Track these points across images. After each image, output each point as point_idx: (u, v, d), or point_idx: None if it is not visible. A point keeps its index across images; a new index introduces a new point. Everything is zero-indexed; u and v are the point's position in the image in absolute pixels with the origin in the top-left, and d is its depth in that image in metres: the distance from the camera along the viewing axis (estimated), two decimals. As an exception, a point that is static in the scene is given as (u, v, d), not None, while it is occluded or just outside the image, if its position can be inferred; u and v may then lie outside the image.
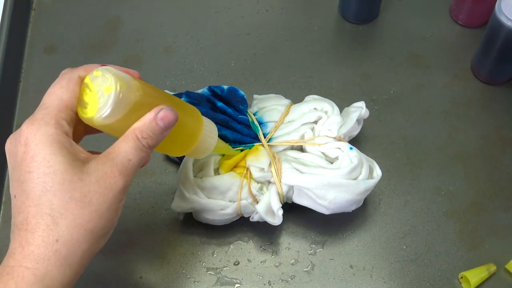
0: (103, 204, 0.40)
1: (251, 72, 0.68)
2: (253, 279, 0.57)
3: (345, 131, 0.57)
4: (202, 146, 0.49)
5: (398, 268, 0.57)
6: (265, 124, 0.58)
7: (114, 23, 0.72)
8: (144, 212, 0.60)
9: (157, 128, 0.42)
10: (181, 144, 0.48)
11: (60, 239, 0.38)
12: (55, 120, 0.40)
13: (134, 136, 0.41)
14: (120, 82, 0.40)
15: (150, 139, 0.42)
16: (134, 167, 0.42)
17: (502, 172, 0.62)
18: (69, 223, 0.39)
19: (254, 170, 0.54)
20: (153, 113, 0.42)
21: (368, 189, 0.54)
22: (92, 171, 0.40)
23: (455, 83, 0.67)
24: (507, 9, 0.58)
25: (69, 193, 0.39)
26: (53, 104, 0.41)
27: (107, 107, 0.40)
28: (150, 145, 0.42)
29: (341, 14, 0.72)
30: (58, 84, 0.42)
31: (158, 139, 0.42)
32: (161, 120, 0.42)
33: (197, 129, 0.48)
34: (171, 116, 0.42)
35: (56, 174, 0.39)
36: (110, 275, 0.57)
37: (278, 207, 0.54)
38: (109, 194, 0.40)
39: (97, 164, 0.40)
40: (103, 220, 0.40)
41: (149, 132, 0.42)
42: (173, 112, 0.43)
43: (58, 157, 0.39)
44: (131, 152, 0.41)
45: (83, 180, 0.39)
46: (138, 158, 0.42)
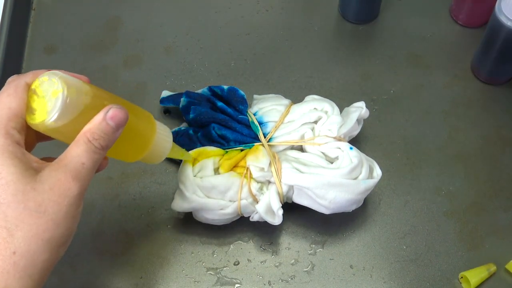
0: (58, 213, 0.39)
1: (251, 72, 0.68)
2: (253, 279, 0.57)
3: (345, 131, 0.57)
4: (157, 150, 0.48)
5: (398, 268, 0.57)
6: (265, 124, 0.58)
7: (114, 23, 0.72)
8: (144, 212, 0.60)
9: (108, 127, 0.41)
10: (134, 149, 0.47)
11: (17, 251, 0.38)
12: (4, 130, 0.39)
13: (85, 139, 0.40)
14: (67, 85, 0.40)
15: (102, 140, 0.41)
16: (88, 170, 0.41)
17: (502, 172, 0.62)
18: (25, 234, 0.38)
19: (254, 169, 0.54)
20: (102, 113, 0.41)
21: (368, 189, 0.55)
22: (45, 179, 0.39)
23: (455, 83, 0.67)
24: (507, 9, 0.58)
25: (22, 203, 0.38)
26: (1, 113, 0.40)
27: (55, 111, 0.39)
28: (103, 145, 0.41)
29: (341, 14, 0.72)
30: (5, 93, 0.41)
31: (110, 139, 0.41)
32: (111, 119, 0.41)
33: (150, 132, 0.47)
34: (121, 115, 0.41)
35: (8, 185, 0.38)
36: (110, 275, 0.57)
37: (278, 206, 0.54)
38: (64, 202, 0.39)
39: (50, 171, 0.40)
40: (61, 228, 0.39)
41: (100, 133, 0.41)
42: (123, 110, 0.42)
43: (9, 167, 0.38)
44: (83, 156, 0.40)
45: (36, 189, 0.39)
46: (91, 161, 0.41)
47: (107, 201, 0.60)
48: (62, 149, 0.41)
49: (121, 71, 0.68)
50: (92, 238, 0.58)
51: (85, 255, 0.58)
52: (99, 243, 0.58)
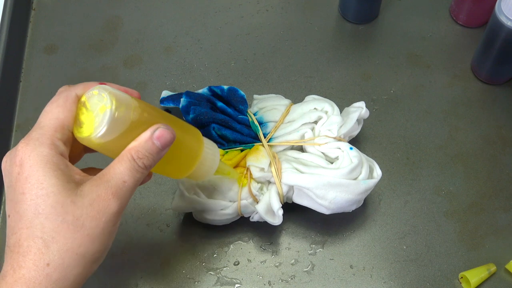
0: (95, 228, 0.39)
1: (251, 72, 0.68)
2: (253, 279, 0.57)
3: (345, 131, 0.57)
4: (203, 168, 0.48)
5: (398, 268, 0.57)
6: (265, 124, 0.58)
7: (114, 23, 0.72)
8: (144, 212, 0.60)
9: (153, 147, 0.41)
10: (180, 166, 0.47)
11: (51, 263, 0.38)
12: (50, 141, 0.40)
13: (129, 156, 0.40)
14: (116, 101, 0.39)
15: (146, 159, 0.41)
16: (129, 189, 0.41)
17: (502, 172, 0.62)
18: (60, 247, 0.38)
19: (254, 170, 0.54)
20: (149, 132, 0.41)
21: (368, 189, 0.54)
22: (86, 194, 0.39)
23: (455, 83, 0.67)
24: (507, 9, 0.58)
25: (61, 216, 0.38)
26: (49, 123, 0.40)
27: (102, 126, 0.39)
28: (146, 165, 0.41)
29: (341, 14, 0.72)
30: (55, 103, 0.41)
31: (155, 159, 0.41)
32: (157, 139, 0.41)
33: (197, 150, 0.47)
34: (168, 135, 0.41)
35: (48, 197, 0.38)
36: (110, 275, 0.57)
37: (278, 207, 0.54)
38: (102, 218, 0.39)
39: (91, 186, 0.40)
40: (96, 244, 0.40)
41: (145, 152, 0.41)
42: (170, 130, 0.41)
43: (51, 179, 0.38)
44: (126, 174, 0.40)
45: (76, 203, 0.39)
46: (133, 179, 0.41)
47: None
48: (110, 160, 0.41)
49: (121, 71, 0.68)
50: (92, 238, 0.58)
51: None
52: (99, 243, 0.58)
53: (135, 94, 0.44)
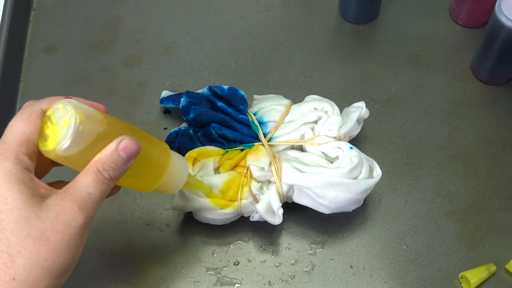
0: (61, 242, 0.39)
1: (251, 72, 0.68)
2: (253, 279, 0.57)
3: (345, 131, 0.57)
4: (171, 182, 0.48)
5: (398, 268, 0.57)
6: (265, 123, 0.58)
7: (114, 23, 0.72)
8: (144, 212, 0.60)
9: (119, 159, 0.41)
10: (147, 179, 0.47)
11: (17, 277, 0.38)
12: (14, 155, 0.39)
13: (95, 169, 0.40)
14: (80, 114, 0.40)
15: (112, 171, 0.41)
16: (95, 201, 0.41)
17: (502, 172, 0.62)
18: (26, 261, 0.38)
19: (254, 169, 0.54)
20: (114, 144, 0.41)
21: (368, 188, 0.55)
22: (51, 207, 0.39)
23: (455, 83, 0.67)
24: (507, 9, 0.58)
25: (25, 230, 0.38)
26: (13, 138, 0.40)
27: (66, 139, 0.39)
28: (112, 177, 0.41)
29: (341, 14, 0.72)
30: (20, 117, 0.41)
31: (121, 170, 0.41)
32: (123, 151, 0.41)
33: (164, 163, 0.47)
34: (133, 146, 0.41)
35: (13, 211, 0.38)
36: (110, 275, 0.57)
37: (278, 206, 0.54)
38: (67, 231, 0.39)
39: (56, 200, 0.39)
40: (62, 257, 0.39)
41: (111, 164, 0.40)
42: (135, 142, 0.41)
43: (15, 193, 0.38)
44: (91, 186, 0.40)
45: (40, 217, 0.38)
46: (99, 191, 0.41)
47: (107, 201, 0.60)
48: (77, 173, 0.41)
49: (121, 71, 0.68)
50: (92, 238, 0.58)
51: (85, 255, 0.57)
52: (99, 243, 0.58)
53: (101, 108, 0.44)
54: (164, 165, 0.47)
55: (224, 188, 0.54)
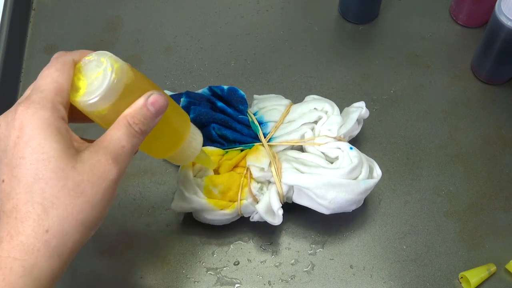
0: (96, 195, 0.39)
1: (251, 72, 0.68)
2: (253, 279, 0.57)
3: (345, 131, 0.57)
4: (186, 150, 0.48)
5: (398, 268, 0.57)
6: (265, 124, 0.58)
7: (114, 23, 0.72)
8: (144, 212, 0.60)
9: (148, 113, 0.41)
10: (166, 143, 0.47)
11: (51, 229, 0.37)
12: (52, 104, 0.39)
13: (125, 122, 0.40)
14: (115, 65, 0.40)
15: (142, 124, 0.41)
16: (127, 154, 0.40)
17: (502, 172, 0.62)
18: (60, 213, 0.37)
19: (254, 170, 0.54)
20: (143, 98, 0.41)
21: (368, 189, 0.55)
22: (86, 160, 0.39)
23: (455, 83, 0.67)
24: (507, 9, 0.58)
25: (61, 181, 0.37)
26: (49, 87, 0.40)
27: (100, 90, 0.39)
28: (142, 130, 0.41)
29: (341, 14, 0.72)
30: (53, 67, 0.40)
31: (150, 124, 0.41)
32: (152, 105, 0.41)
33: (184, 131, 0.47)
34: (162, 101, 0.41)
35: (50, 161, 0.37)
36: (110, 275, 0.57)
37: (278, 207, 0.54)
38: (102, 184, 0.39)
39: (90, 152, 0.39)
40: (95, 211, 0.39)
41: (141, 118, 0.40)
42: (163, 97, 0.42)
43: (52, 143, 0.38)
44: (123, 139, 0.40)
45: (76, 168, 0.38)
46: (131, 144, 0.40)
47: (107, 201, 0.60)
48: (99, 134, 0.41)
49: (121, 71, 0.68)
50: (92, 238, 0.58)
51: (85, 255, 0.58)
52: (99, 243, 0.58)
53: None
54: (183, 132, 0.47)
55: (224, 189, 0.54)
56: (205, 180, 0.54)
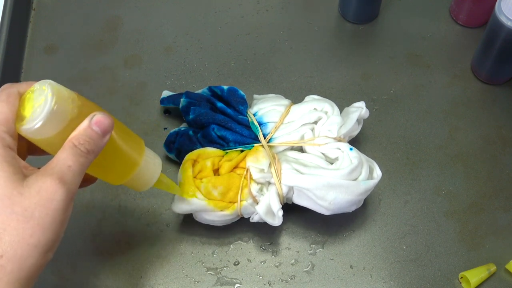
0: (45, 217, 0.39)
1: (251, 72, 0.68)
2: (253, 279, 0.57)
3: (345, 132, 0.57)
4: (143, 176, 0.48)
5: (398, 268, 0.57)
6: (265, 124, 0.58)
7: (114, 23, 0.72)
8: (144, 212, 0.60)
9: (93, 133, 0.41)
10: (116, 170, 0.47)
11: (5, 254, 0.38)
12: None
13: (70, 144, 0.41)
14: (56, 93, 0.40)
15: (88, 144, 0.41)
16: (75, 173, 0.41)
17: (502, 172, 0.62)
18: (12, 238, 0.38)
19: (254, 171, 0.54)
20: (87, 120, 0.41)
21: (368, 189, 0.54)
22: (32, 184, 0.39)
23: (455, 83, 0.67)
24: (507, 9, 0.58)
25: (9, 208, 0.38)
26: None
27: (41, 117, 0.39)
28: (89, 149, 0.41)
29: (341, 14, 0.72)
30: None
31: (96, 144, 0.42)
32: (96, 125, 0.41)
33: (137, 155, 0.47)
34: (106, 121, 0.42)
35: None
36: (110, 275, 0.57)
37: (278, 208, 0.54)
38: (51, 206, 0.39)
39: (36, 176, 0.40)
40: (48, 233, 0.39)
41: (86, 138, 0.41)
42: (107, 117, 0.42)
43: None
44: (69, 159, 0.40)
45: (23, 194, 0.39)
46: (78, 163, 0.41)
47: (107, 201, 0.60)
48: None
49: (121, 71, 0.68)
50: (92, 238, 0.58)
51: (85, 255, 0.58)
52: (99, 243, 0.58)
53: None
54: (136, 156, 0.47)
55: (224, 190, 0.54)
56: (205, 182, 0.54)
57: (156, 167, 0.49)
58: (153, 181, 0.49)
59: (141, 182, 0.48)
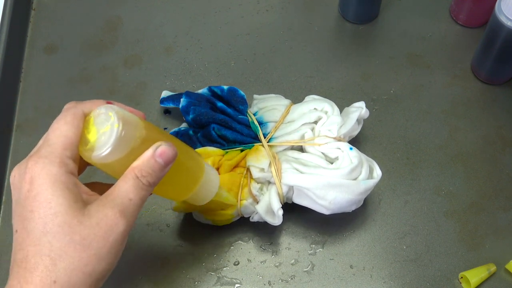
0: (103, 248, 0.40)
1: (251, 72, 0.68)
2: (253, 279, 0.57)
3: (345, 131, 0.57)
4: (202, 192, 0.49)
5: (398, 268, 0.57)
6: (265, 124, 0.58)
7: (114, 23, 0.72)
8: (144, 212, 0.60)
9: (156, 165, 0.41)
10: (180, 188, 0.47)
11: (58, 280, 0.38)
12: (59, 159, 0.40)
13: (133, 175, 0.41)
14: (122, 121, 0.40)
15: (150, 177, 0.41)
16: (135, 206, 0.41)
17: (502, 172, 0.62)
18: (67, 265, 0.38)
19: (254, 170, 0.54)
20: (151, 150, 0.41)
21: (368, 189, 0.55)
22: (93, 214, 0.39)
23: (455, 83, 0.67)
24: (507, 9, 0.58)
25: (68, 235, 0.38)
26: (58, 141, 0.40)
27: (107, 146, 0.39)
28: (151, 182, 0.41)
29: (341, 14, 0.72)
30: (63, 120, 0.41)
31: (158, 176, 0.42)
32: (160, 157, 0.41)
33: (198, 173, 0.47)
34: (170, 152, 0.42)
35: (56, 216, 0.38)
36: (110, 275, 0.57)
37: (278, 207, 0.54)
38: (109, 238, 0.40)
39: (97, 206, 0.40)
40: (103, 263, 0.40)
41: (148, 170, 0.41)
42: (172, 148, 0.42)
43: (59, 198, 0.39)
44: (131, 191, 0.41)
45: (82, 223, 0.39)
46: (139, 197, 0.41)
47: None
48: None
49: (121, 71, 0.68)
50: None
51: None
52: (99, 243, 0.58)
53: (140, 115, 0.45)
54: (197, 176, 0.47)
55: (224, 189, 0.54)
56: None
57: (215, 181, 0.50)
58: (213, 195, 0.50)
59: (202, 196, 0.49)
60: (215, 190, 0.50)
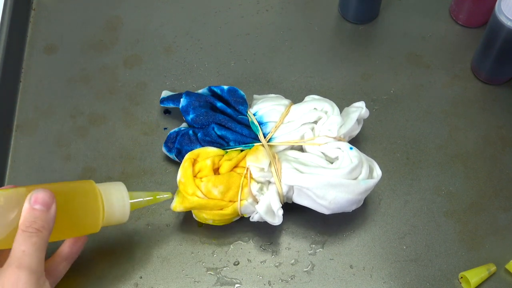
0: None
1: (251, 72, 0.68)
2: (253, 279, 0.57)
3: (345, 131, 0.57)
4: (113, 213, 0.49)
5: (398, 268, 0.57)
6: (265, 124, 0.58)
7: (114, 23, 0.72)
8: (144, 212, 0.60)
9: (37, 211, 0.43)
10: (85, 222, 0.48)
11: None
12: None
13: (19, 231, 0.43)
14: None
15: (35, 224, 0.43)
16: (31, 255, 0.43)
17: (502, 172, 0.62)
18: None
19: (254, 170, 0.54)
20: (26, 202, 0.43)
21: (368, 189, 0.55)
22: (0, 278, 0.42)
23: (455, 83, 0.67)
24: (507, 9, 0.58)
25: None
26: None
27: None
28: (38, 227, 0.43)
29: (341, 14, 0.72)
30: None
31: (44, 219, 0.43)
32: (35, 203, 0.43)
33: (93, 201, 0.48)
34: (44, 195, 0.43)
35: None
36: (110, 275, 0.57)
37: (278, 207, 0.54)
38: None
39: (1, 271, 0.42)
40: None
41: (31, 219, 0.43)
42: (44, 190, 0.43)
43: None
44: (22, 244, 0.42)
45: None
46: (31, 244, 0.43)
47: (107, 201, 0.60)
48: None
49: (121, 71, 0.68)
50: (92, 238, 0.58)
51: (85, 255, 0.57)
52: (99, 243, 0.58)
53: None
54: (94, 203, 0.48)
55: (224, 189, 0.54)
56: (205, 181, 0.54)
57: (120, 197, 0.50)
58: (128, 209, 0.51)
59: (116, 217, 0.50)
60: (126, 206, 0.50)
